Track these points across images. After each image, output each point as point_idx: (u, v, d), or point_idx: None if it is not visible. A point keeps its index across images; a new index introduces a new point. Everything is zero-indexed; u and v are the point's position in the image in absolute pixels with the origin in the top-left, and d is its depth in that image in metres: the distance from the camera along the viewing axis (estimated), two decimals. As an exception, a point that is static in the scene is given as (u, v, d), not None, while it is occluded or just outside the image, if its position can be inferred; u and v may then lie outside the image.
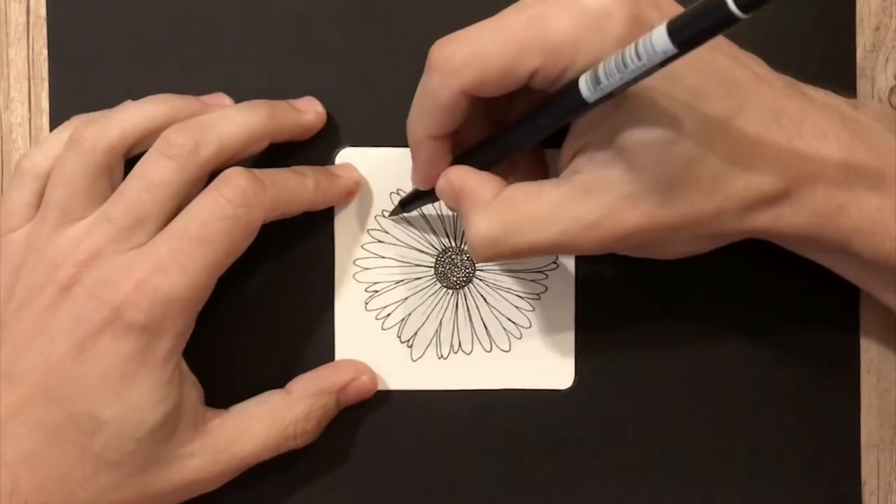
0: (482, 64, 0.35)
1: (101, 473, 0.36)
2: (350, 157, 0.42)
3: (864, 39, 0.42)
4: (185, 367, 0.38)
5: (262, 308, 0.42)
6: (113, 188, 0.37)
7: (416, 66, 0.41)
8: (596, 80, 0.32)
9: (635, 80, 0.31)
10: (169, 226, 0.36)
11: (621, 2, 0.33)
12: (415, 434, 0.42)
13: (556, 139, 0.37)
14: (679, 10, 0.34)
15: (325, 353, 0.42)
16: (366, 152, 0.42)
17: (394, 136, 0.42)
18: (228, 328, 0.42)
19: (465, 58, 0.35)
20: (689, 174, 0.34)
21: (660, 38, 0.29)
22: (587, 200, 0.35)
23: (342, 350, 0.42)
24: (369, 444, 0.42)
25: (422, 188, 0.39)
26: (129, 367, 0.36)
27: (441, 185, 0.38)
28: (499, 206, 0.36)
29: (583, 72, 0.33)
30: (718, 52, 0.35)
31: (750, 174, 0.35)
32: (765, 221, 0.36)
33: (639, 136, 0.34)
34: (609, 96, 0.32)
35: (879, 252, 0.36)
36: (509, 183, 0.37)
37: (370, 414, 0.42)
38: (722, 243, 0.37)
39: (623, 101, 0.34)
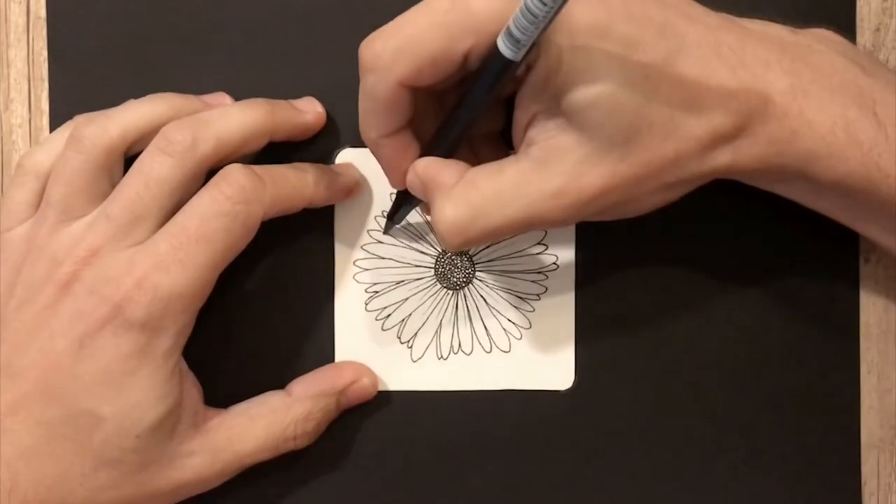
0: (413, 54, 0.34)
1: (100, 471, 0.36)
2: (350, 157, 0.42)
3: (864, 40, 0.42)
4: (184, 365, 0.38)
5: (263, 308, 0.42)
6: (113, 186, 0.37)
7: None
8: (513, 39, 0.32)
9: (548, 25, 0.31)
10: (168, 223, 0.36)
11: None
12: (414, 435, 0.42)
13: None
14: None
15: (325, 353, 0.42)
16: (366, 153, 0.41)
17: (394, 137, 0.42)
18: (228, 328, 0.42)
19: (394, 51, 0.34)
20: (641, 123, 0.34)
21: None
22: (547, 169, 0.35)
23: (342, 350, 0.42)
24: (369, 445, 0.42)
25: (396, 187, 0.39)
26: (129, 365, 0.36)
27: (410, 180, 0.37)
28: (462, 189, 0.36)
29: None
30: (646, 1, 0.35)
31: (701, 112, 0.34)
32: (724, 159, 0.35)
33: (583, 95, 0.34)
34: (532, 48, 0.32)
35: (836, 175, 0.35)
36: None
37: (370, 414, 0.42)
38: (687, 189, 0.36)
39: (559, 64, 0.33)
